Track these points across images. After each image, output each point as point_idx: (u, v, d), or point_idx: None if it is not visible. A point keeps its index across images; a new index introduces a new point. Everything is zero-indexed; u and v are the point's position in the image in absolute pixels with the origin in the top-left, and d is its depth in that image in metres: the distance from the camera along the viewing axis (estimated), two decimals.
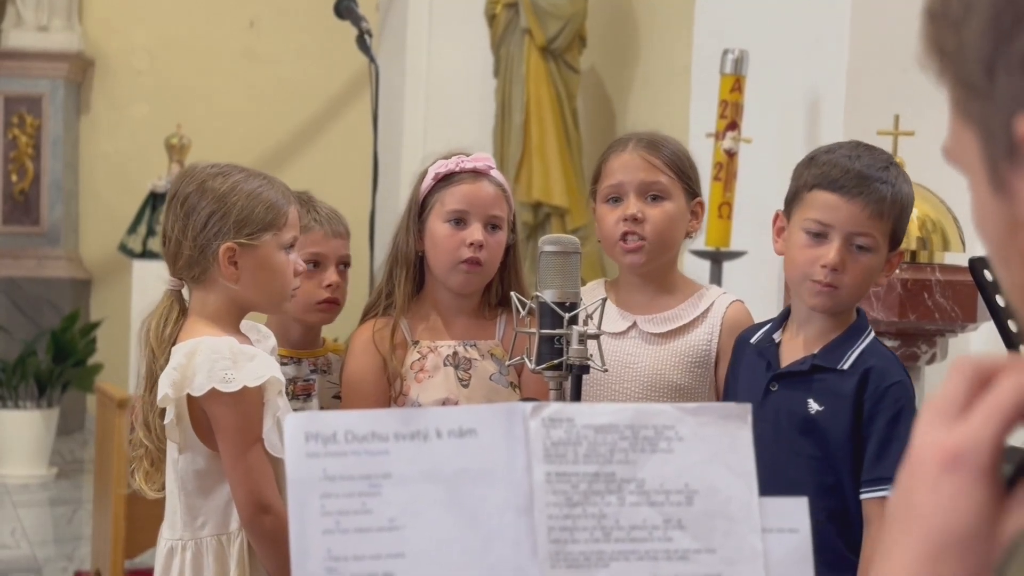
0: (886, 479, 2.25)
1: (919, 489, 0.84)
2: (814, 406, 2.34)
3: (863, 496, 2.30)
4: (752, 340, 2.47)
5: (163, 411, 2.34)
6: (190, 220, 2.37)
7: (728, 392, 2.49)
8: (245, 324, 2.49)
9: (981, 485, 0.83)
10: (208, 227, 2.36)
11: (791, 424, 2.35)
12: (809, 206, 2.34)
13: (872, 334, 2.40)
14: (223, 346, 2.31)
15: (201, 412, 2.33)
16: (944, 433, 0.85)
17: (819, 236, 2.33)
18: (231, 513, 2.38)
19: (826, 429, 2.32)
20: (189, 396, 2.30)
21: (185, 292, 2.46)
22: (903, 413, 2.30)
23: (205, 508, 2.39)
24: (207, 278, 2.39)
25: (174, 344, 2.38)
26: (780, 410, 2.36)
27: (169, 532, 2.44)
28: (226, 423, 2.31)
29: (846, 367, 2.33)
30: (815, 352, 2.37)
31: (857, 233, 2.31)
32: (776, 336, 2.44)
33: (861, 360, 2.34)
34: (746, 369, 2.46)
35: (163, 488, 2.46)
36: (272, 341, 2.54)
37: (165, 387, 2.29)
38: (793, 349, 2.41)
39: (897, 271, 3.45)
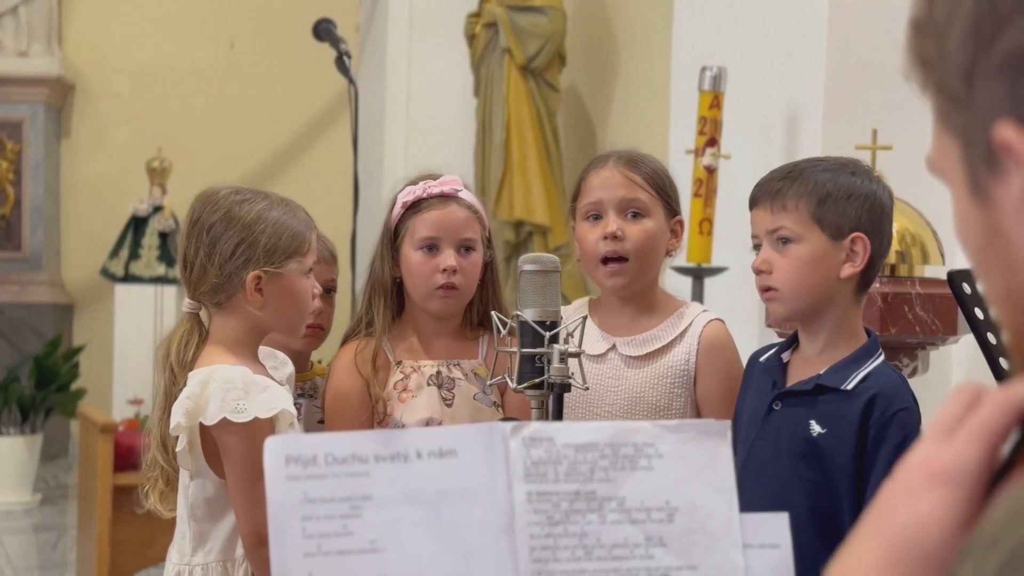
0: None
1: (897, 498, 0.86)
2: (816, 428, 2.29)
3: None
4: (762, 359, 2.44)
5: (177, 437, 2.34)
6: (216, 248, 2.37)
7: (736, 411, 2.46)
8: (262, 351, 2.49)
9: (959, 503, 0.83)
10: (236, 256, 2.37)
11: (791, 445, 2.30)
12: None
13: (882, 357, 2.34)
14: (236, 375, 2.31)
15: (212, 440, 2.33)
16: (935, 449, 0.86)
17: (757, 248, 2.37)
18: (237, 540, 2.38)
19: (827, 452, 2.27)
20: (201, 424, 2.31)
21: (202, 314, 2.46)
22: (908, 440, 2.22)
23: (213, 534, 2.40)
24: (231, 304, 2.40)
25: (193, 367, 2.39)
26: (781, 430, 2.32)
27: (178, 557, 2.44)
28: (235, 453, 2.31)
29: (850, 387, 2.28)
30: (821, 372, 2.32)
31: (770, 231, 2.32)
32: (784, 356, 2.41)
33: (867, 383, 2.28)
34: (754, 388, 2.43)
35: (176, 509, 2.46)
36: (290, 367, 2.54)
37: (178, 415, 2.30)
38: (799, 369, 2.37)
39: (877, 285, 3.46)
